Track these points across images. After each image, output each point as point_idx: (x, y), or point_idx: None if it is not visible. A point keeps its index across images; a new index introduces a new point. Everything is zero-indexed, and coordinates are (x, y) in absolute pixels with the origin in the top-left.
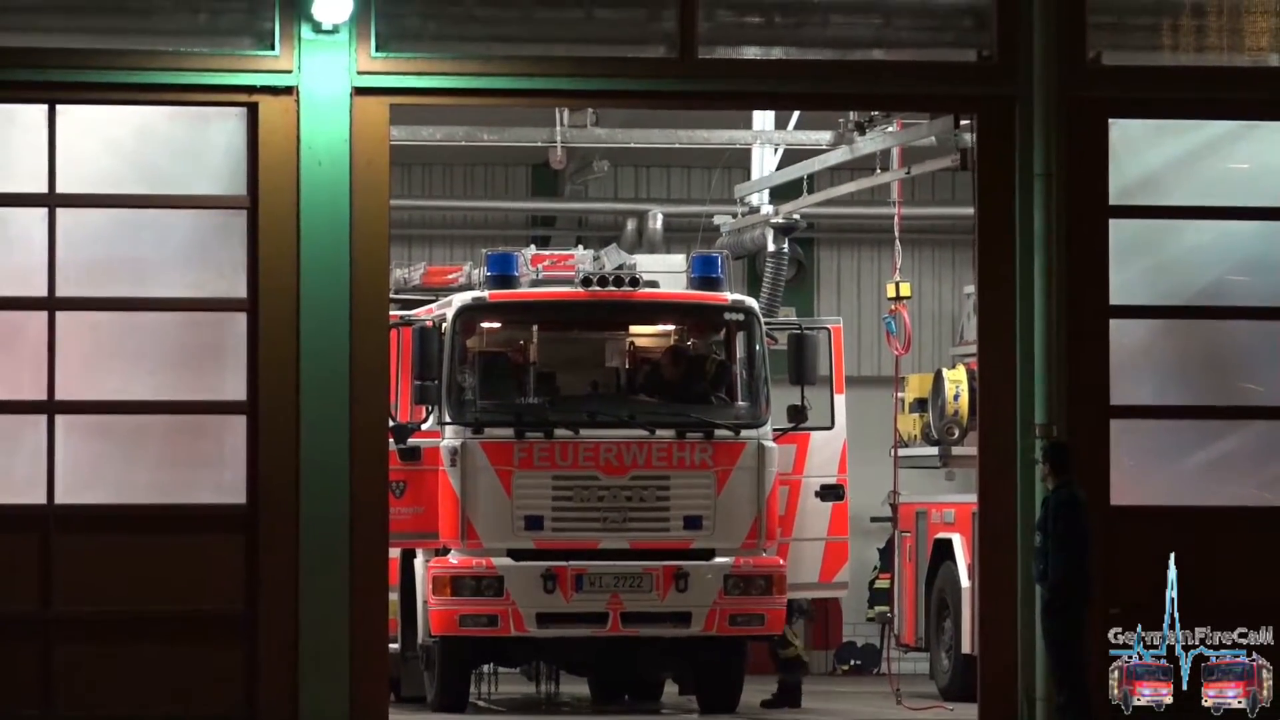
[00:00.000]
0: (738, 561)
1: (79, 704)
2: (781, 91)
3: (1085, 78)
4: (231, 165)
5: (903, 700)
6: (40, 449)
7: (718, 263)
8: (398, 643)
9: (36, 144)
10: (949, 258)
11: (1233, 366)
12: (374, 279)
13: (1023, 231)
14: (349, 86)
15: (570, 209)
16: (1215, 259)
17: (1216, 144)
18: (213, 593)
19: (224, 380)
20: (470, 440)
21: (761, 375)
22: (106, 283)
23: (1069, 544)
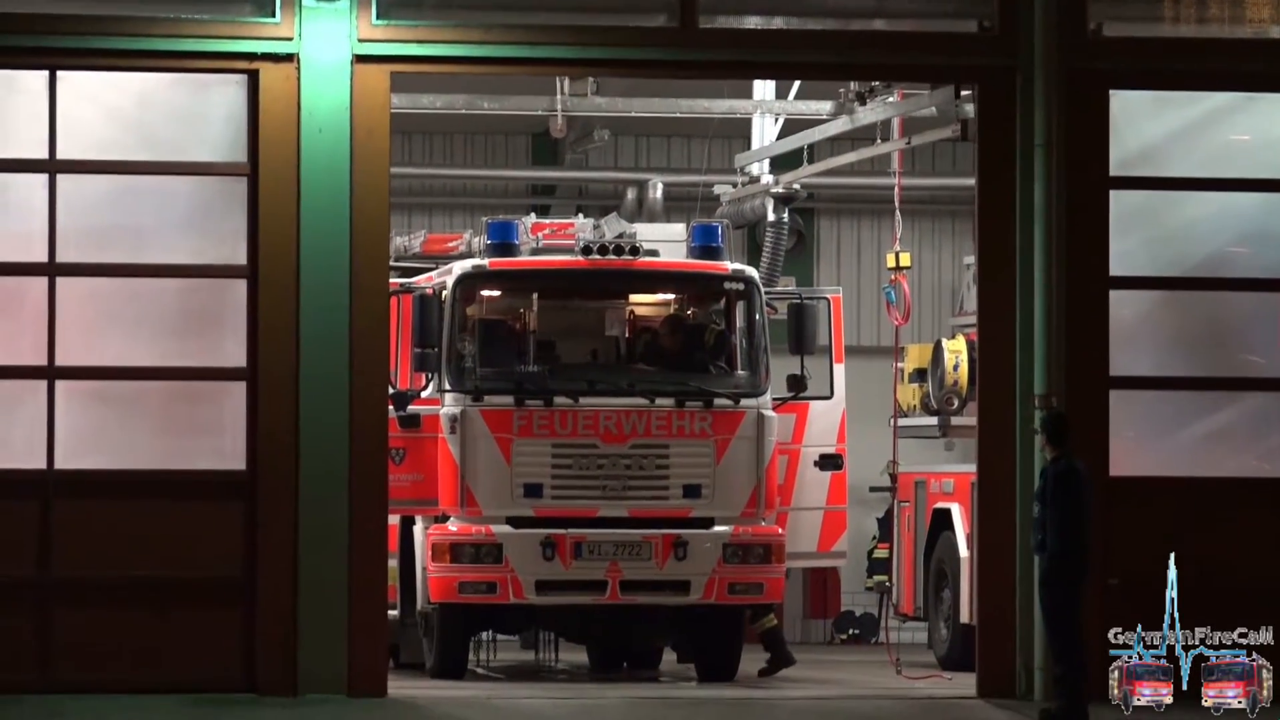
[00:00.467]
0: (736, 530)
1: (77, 669)
2: (782, 61)
3: (1086, 49)
4: (232, 132)
5: (901, 670)
6: (40, 414)
7: (718, 232)
8: (396, 609)
9: (37, 110)
10: (949, 228)
11: (1232, 338)
12: (374, 247)
13: (1023, 202)
14: (350, 54)
15: (570, 178)
16: (1215, 231)
17: (1217, 116)
18: (211, 559)
19: (224, 347)
20: (470, 408)
21: (761, 345)
22: (107, 249)
23: (1067, 515)
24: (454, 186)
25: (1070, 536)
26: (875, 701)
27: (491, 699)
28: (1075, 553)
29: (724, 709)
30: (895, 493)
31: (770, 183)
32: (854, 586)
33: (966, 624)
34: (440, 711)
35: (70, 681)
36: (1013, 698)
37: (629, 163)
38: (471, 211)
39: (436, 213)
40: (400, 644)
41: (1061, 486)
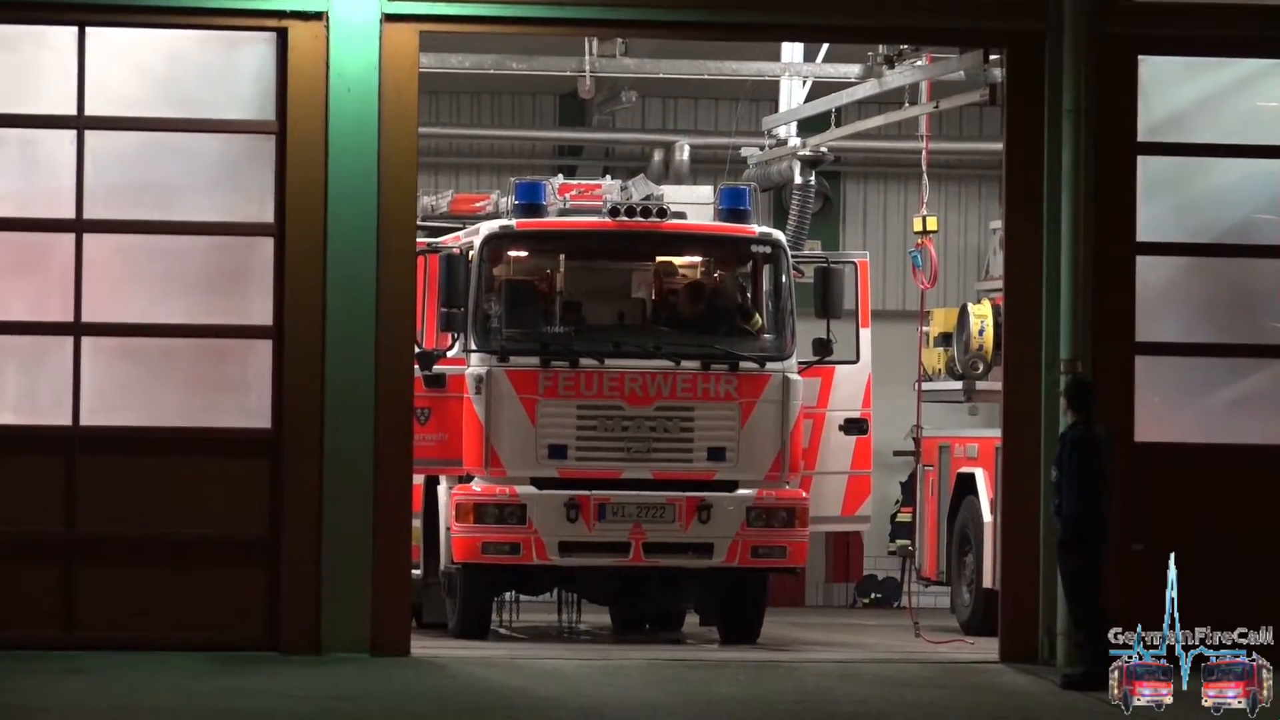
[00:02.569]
0: (760, 494)
1: (102, 626)
2: (811, 24)
3: (1115, 14)
4: (260, 90)
5: (923, 634)
6: (66, 371)
7: (745, 195)
8: (420, 569)
9: (66, 66)
10: (976, 192)
11: (1260, 305)
12: (401, 206)
13: (1050, 167)
14: (379, 13)
15: (597, 139)
16: (1243, 197)
17: (1246, 82)
18: (236, 517)
19: (250, 305)
20: (495, 368)
21: (787, 308)
22: (134, 206)
23: (1083, 481)
24: (481, 147)
25: (1087, 502)
26: (897, 665)
27: (514, 659)
28: (1092, 518)
29: (746, 671)
30: (919, 457)
31: (797, 146)
32: (877, 551)
33: (989, 589)
34: (463, 671)
35: (94, 638)
36: (1035, 663)
37: (656, 124)
38: (498, 172)
39: (464, 173)
40: (423, 604)
41: (1079, 452)
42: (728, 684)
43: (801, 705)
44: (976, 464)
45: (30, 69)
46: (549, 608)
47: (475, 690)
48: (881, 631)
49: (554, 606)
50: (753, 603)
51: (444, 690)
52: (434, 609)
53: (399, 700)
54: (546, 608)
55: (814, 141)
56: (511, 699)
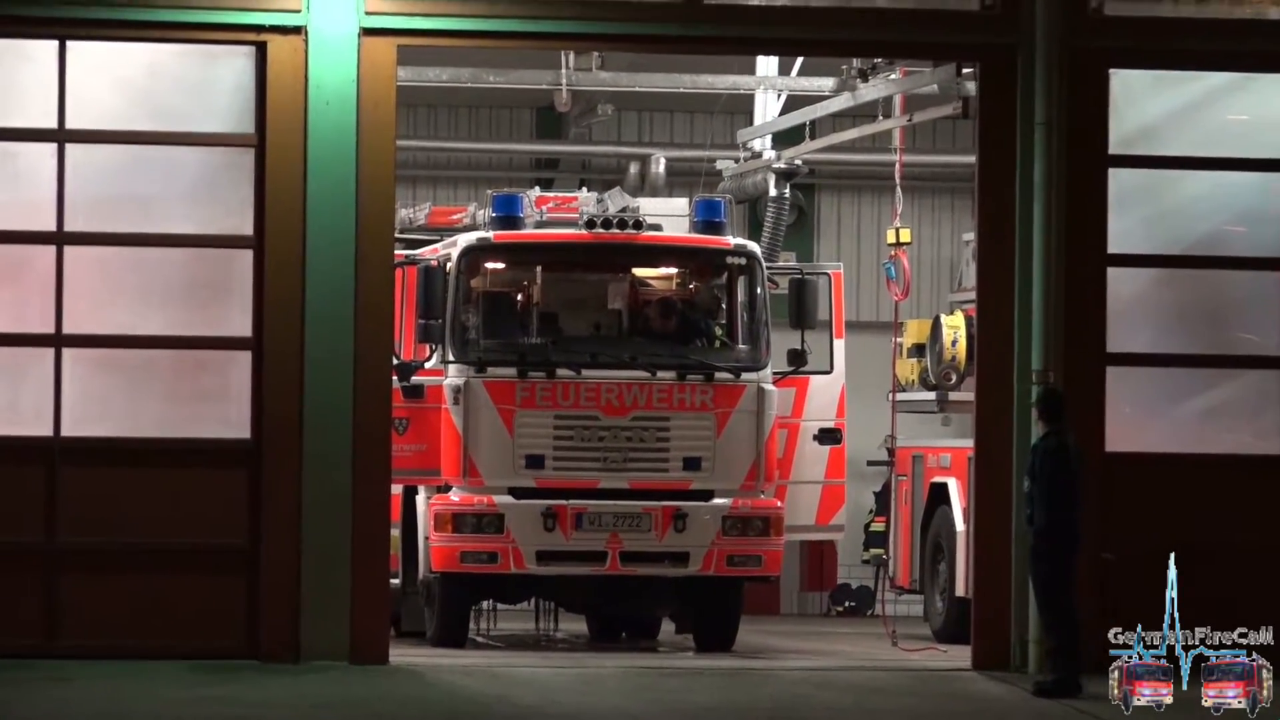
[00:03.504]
0: (736, 503)
1: (83, 635)
2: (786, 38)
3: (1087, 27)
4: (240, 104)
5: (897, 642)
6: (47, 382)
7: (720, 207)
8: (399, 578)
9: (47, 80)
10: (949, 205)
11: (1229, 316)
12: (379, 218)
13: (1023, 180)
14: (357, 27)
15: (574, 152)
16: (1213, 209)
17: (1216, 95)
18: (216, 527)
19: (230, 316)
20: (473, 379)
21: (762, 319)
22: (114, 218)
23: (1055, 491)
24: (459, 159)
25: (1058, 512)
26: (871, 673)
27: (492, 667)
28: (1064, 528)
29: (721, 679)
30: (893, 467)
31: (772, 158)
32: (851, 559)
33: (962, 597)
34: (441, 679)
35: (76, 647)
36: (1008, 670)
37: (632, 137)
38: (476, 184)
39: (441, 185)
40: (402, 612)
41: (1051, 462)
42: (703, 692)
43: (777, 713)
44: (949, 474)
45: (10, 82)
46: (526, 616)
47: (454, 698)
48: (856, 639)
49: (531, 615)
50: (728, 611)
51: (422, 699)
52: (413, 618)
53: (378, 708)
54: (524, 616)
55: (788, 154)
56: (490, 707)
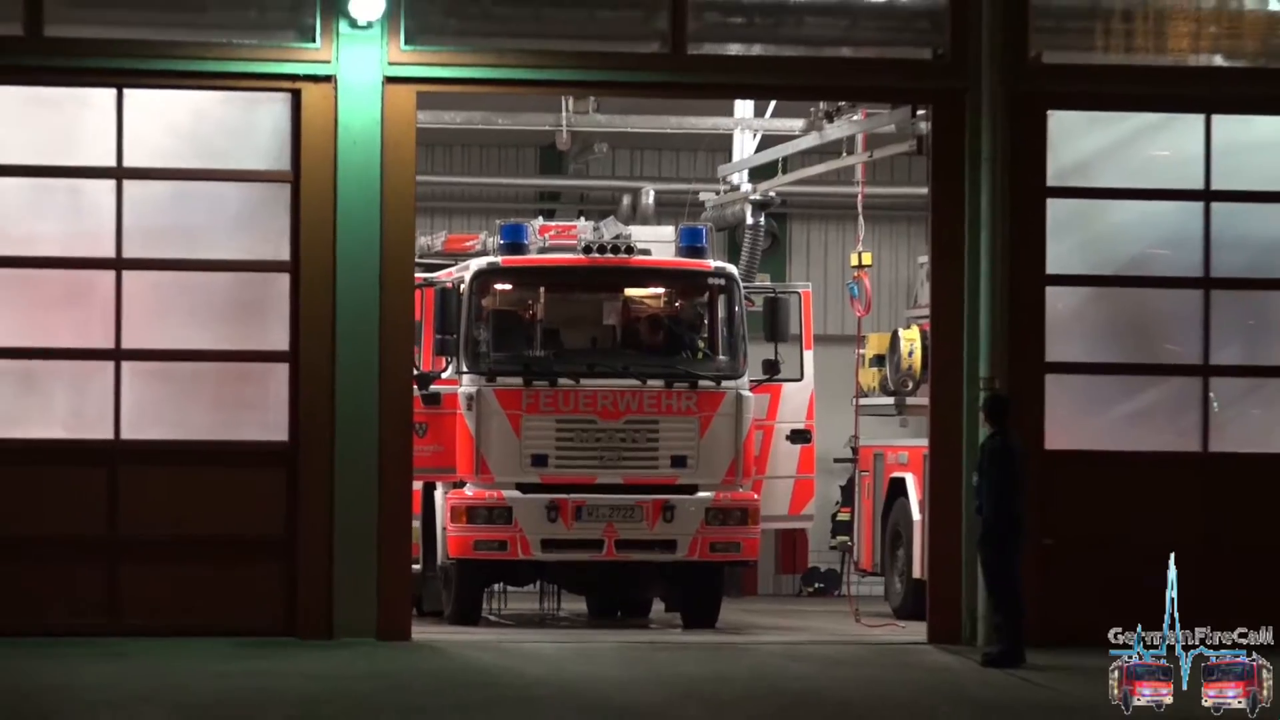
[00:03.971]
0: (718, 496)
1: (140, 615)
2: (761, 84)
3: (1027, 74)
4: (277, 144)
5: (861, 619)
6: (108, 391)
7: (702, 234)
8: (419, 564)
9: (106, 124)
10: (905, 231)
11: (1154, 330)
12: (401, 245)
13: (971, 209)
14: (381, 76)
15: (573, 186)
16: (1139, 235)
17: (1143, 133)
18: (257, 519)
19: (269, 332)
20: (484, 387)
21: (740, 333)
22: (166, 246)
23: (1001, 485)
24: (471, 193)
25: (1003, 503)
26: (838, 646)
27: (502, 642)
28: (1008, 517)
29: (705, 652)
30: (856, 463)
31: (749, 191)
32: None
33: (918, 579)
34: (458, 654)
35: (133, 626)
36: (959, 644)
37: (625, 172)
38: (486, 215)
39: (456, 216)
40: (423, 594)
41: (996, 460)
42: (690, 663)
43: (754, 681)
44: (907, 469)
45: (74, 126)
46: (532, 597)
47: (469, 670)
48: (824, 616)
49: (537, 596)
50: (711, 592)
51: (441, 670)
52: (432, 599)
53: (402, 679)
54: (530, 597)
55: (763, 187)
56: (500, 678)
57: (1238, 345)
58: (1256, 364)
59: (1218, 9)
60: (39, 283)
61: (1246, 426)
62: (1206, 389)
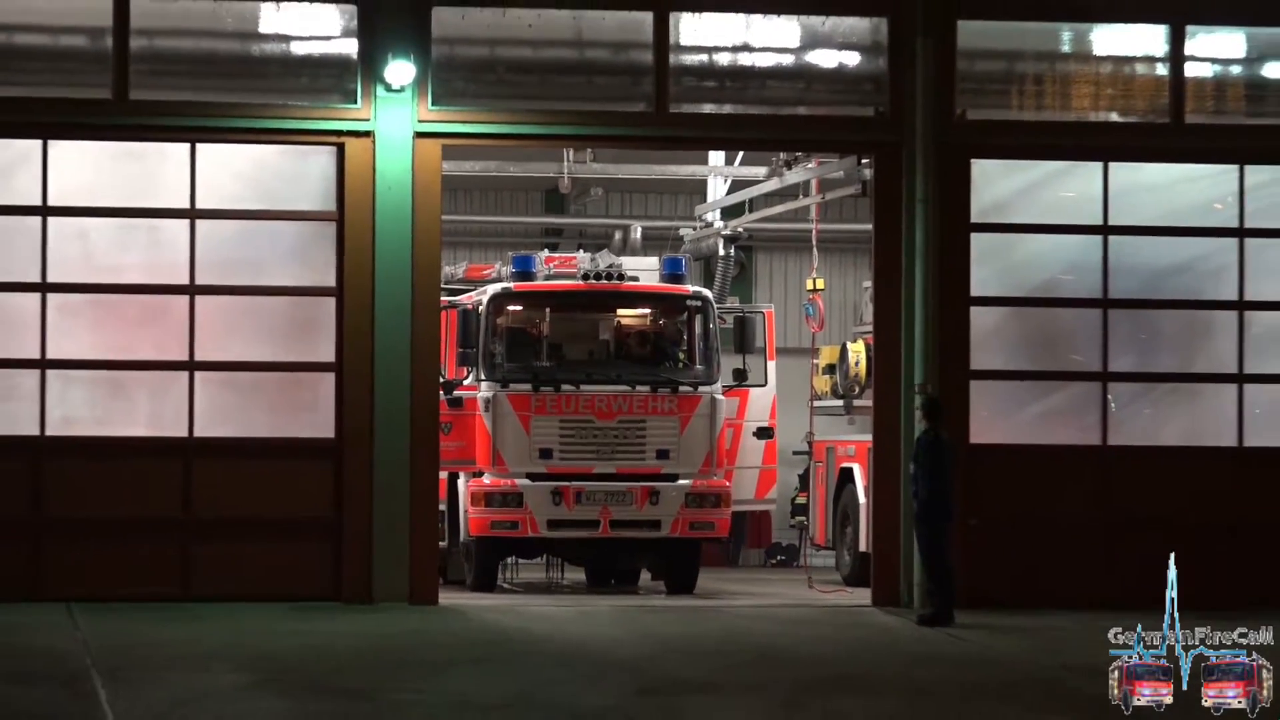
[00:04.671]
0: (695, 483)
1: (209, 586)
2: (731, 137)
3: (954, 129)
4: (325, 189)
5: (815, 586)
6: (183, 396)
7: (682, 263)
8: (445, 540)
9: (181, 173)
10: (853, 261)
11: (1061, 343)
12: (429, 273)
13: (907, 242)
14: (412, 132)
15: (573, 223)
16: (1049, 263)
17: (1051, 177)
18: (308, 503)
19: (318, 347)
20: (499, 392)
21: (714, 346)
22: (232, 275)
23: (933, 473)
24: (487, 229)
25: (935, 488)
26: (797, 609)
27: (514, 606)
28: (940, 501)
29: (685, 613)
30: (812, 455)
31: (721, 227)
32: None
33: (864, 552)
34: (477, 615)
35: (203, 594)
36: (899, 607)
37: (616, 212)
38: (500, 248)
39: (475, 248)
40: (447, 566)
41: (930, 451)
42: (672, 624)
43: (725, 638)
44: (854, 460)
45: (155, 175)
46: (540, 568)
47: (487, 629)
48: (785, 584)
49: (544, 567)
50: (690, 563)
51: (463, 629)
52: (455, 570)
53: (431, 637)
54: (538, 568)
55: (733, 224)
56: (513, 635)
57: (1131, 355)
58: (1147, 371)
59: (1113, 73)
60: (125, 306)
61: (1139, 423)
62: (1105, 392)
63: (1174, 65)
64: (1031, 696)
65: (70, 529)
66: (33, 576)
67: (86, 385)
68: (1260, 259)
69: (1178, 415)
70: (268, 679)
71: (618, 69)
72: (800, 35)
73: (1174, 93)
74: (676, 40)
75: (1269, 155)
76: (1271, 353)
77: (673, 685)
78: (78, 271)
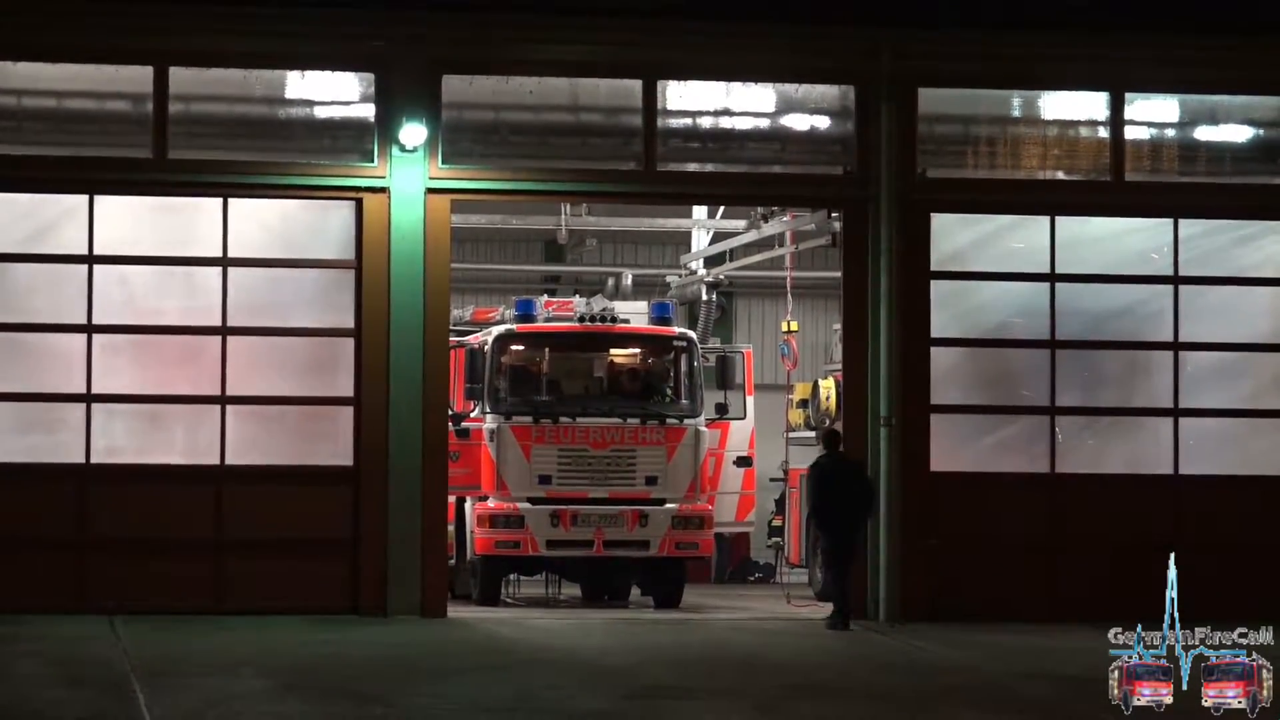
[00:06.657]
0: (681, 507)
1: (238, 600)
2: (713, 193)
3: (916, 186)
4: (344, 239)
5: (790, 600)
6: (215, 427)
7: (669, 308)
8: (453, 559)
9: (214, 224)
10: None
11: (1013, 379)
12: (439, 316)
13: (873, 289)
14: (424, 188)
15: (570, 270)
16: (1001, 308)
17: (1002, 230)
18: (328, 524)
19: (338, 382)
20: (503, 424)
21: (698, 383)
22: (260, 317)
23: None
24: (492, 276)
25: (815, 505)
26: (774, 621)
27: (517, 619)
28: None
29: (673, 625)
30: (787, 482)
31: (704, 274)
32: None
33: None
34: (482, 627)
35: (233, 607)
36: (864, 619)
37: (609, 260)
38: (504, 293)
39: (480, 294)
40: (455, 582)
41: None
42: (660, 635)
43: (708, 648)
44: None
45: (190, 227)
46: (540, 584)
47: (491, 639)
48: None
49: (543, 583)
50: (677, 580)
51: (470, 639)
52: (462, 585)
53: (440, 646)
54: (538, 584)
55: (715, 271)
56: (515, 644)
57: (1077, 391)
58: (1091, 405)
59: (1059, 136)
60: (163, 345)
61: (1084, 453)
62: (1053, 425)
63: (1114, 129)
64: (985, 700)
65: (112, 547)
66: (78, 591)
67: (128, 417)
68: (1193, 304)
69: (1119, 446)
70: (292, 684)
71: (610, 131)
72: (776, 101)
73: (1114, 153)
74: (664, 105)
75: (1201, 210)
76: (1204, 389)
77: (659, 690)
78: (120, 314)
